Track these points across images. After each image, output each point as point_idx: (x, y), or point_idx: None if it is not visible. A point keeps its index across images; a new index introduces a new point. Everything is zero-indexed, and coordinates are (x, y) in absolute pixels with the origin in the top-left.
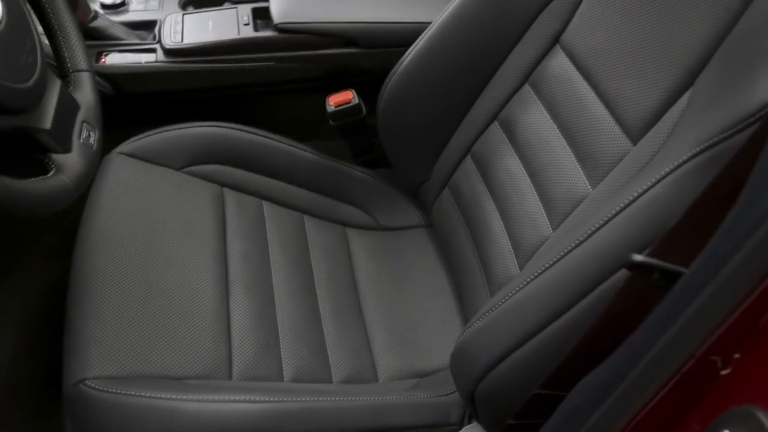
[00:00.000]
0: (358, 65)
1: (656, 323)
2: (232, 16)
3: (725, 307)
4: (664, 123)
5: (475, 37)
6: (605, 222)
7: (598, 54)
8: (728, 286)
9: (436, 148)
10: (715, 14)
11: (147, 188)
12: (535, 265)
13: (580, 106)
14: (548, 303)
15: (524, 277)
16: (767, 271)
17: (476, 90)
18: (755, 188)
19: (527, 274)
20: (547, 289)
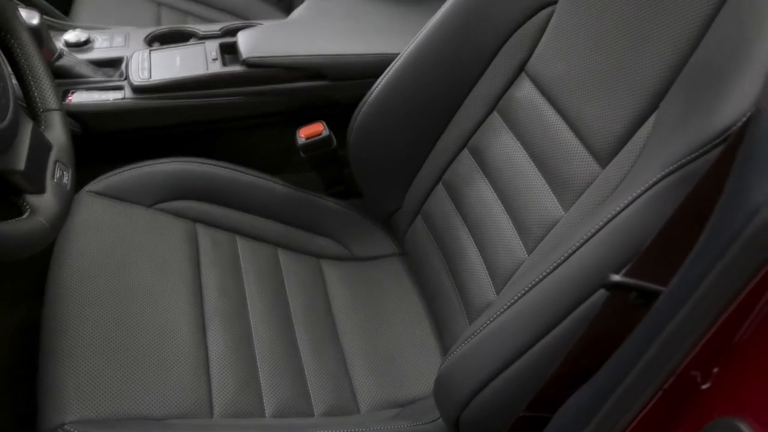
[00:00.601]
0: (328, 97)
1: (637, 342)
2: (199, 52)
3: (703, 324)
4: (631, 146)
5: (442, 67)
6: (581, 244)
7: (564, 81)
8: (705, 304)
9: (408, 176)
10: (675, 41)
11: (118, 227)
12: (513, 289)
13: (549, 132)
14: (529, 326)
15: (504, 301)
16: (741, 288)
17: (445, 118)
18: (725, 209)
19: (507, 299)
20: (527, 312)
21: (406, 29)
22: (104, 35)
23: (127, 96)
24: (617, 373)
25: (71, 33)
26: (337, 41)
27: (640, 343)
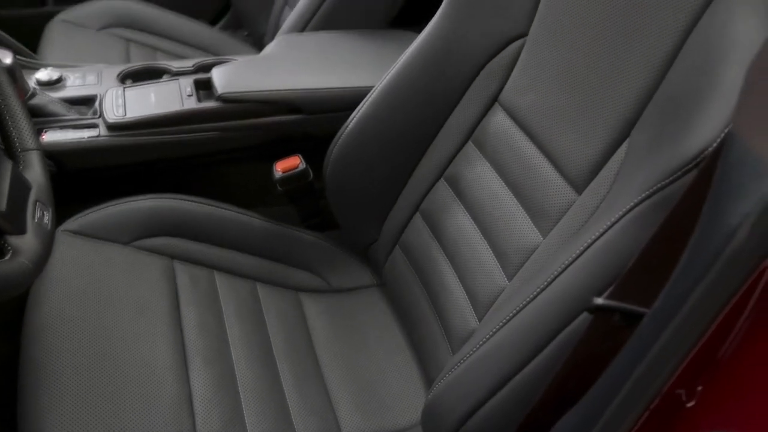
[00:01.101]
0: (303, 131)
1: (623, 364)
2: (174, 89)
3: (687, 343)
4: (605, 172)
5: (417, 99)
6: (562, 269)
7: (537, 111)
8: (688, 324)
9: (385, 207)
10: (644, 72)
11: (95, 266)
12: (496, 316)
13: (524, 160)
14: (514, 352)
15: (488, 329)
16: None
17: (421, 149)
18: (704, 231)
19: (491, 327)
20: (511, 339)
21: (379, 63)
22: (76, 73)
23: (101, 134)
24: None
25: (43, 72)
26: (312, 75)
27: (626, 365)
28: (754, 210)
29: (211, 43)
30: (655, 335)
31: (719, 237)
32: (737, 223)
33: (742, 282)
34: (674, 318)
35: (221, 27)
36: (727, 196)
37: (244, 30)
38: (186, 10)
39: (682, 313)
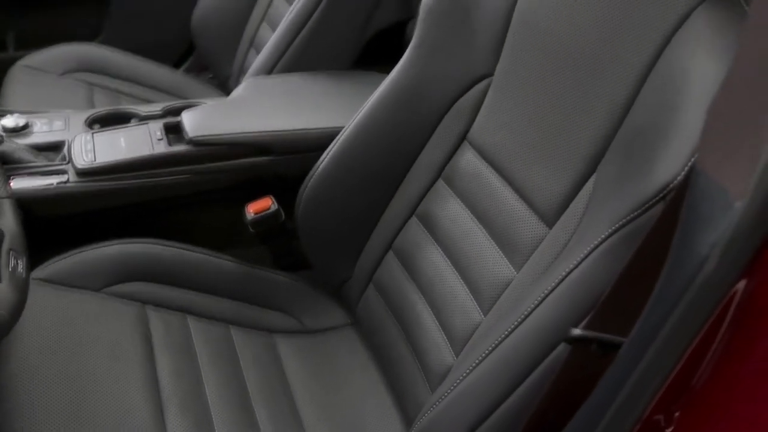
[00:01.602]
0: (274, 172)
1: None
2: (144, 133)
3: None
4: (575, 207)
5: (387, 138)
6: (538, 303)
7: (505, 148)
8: (665, 351)
9: (357, 246)
10: (607, 109)
11: (66, 314)
12: (474, 351)
13: (494, 197)
14: (495, 385)
15: (467, 365)
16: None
17: (392, 187)
18: (675, 261)
19: (469, 362)
20: (492, 372)
21: (347, 103)
22: (43, 119)
23: (71, 180)
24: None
25: (9, 118)
26: (281, 117)
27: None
28: (722, 240)
29: (175, 86)
30: (634, 363)
31: (690, 266)
32: (706, 253)
33: (714, 309)
34: (651, 346)
35: (185, 70)
36: (695, 228)
37: (209, 72)
38: (149, 53)
39: (658, 341)
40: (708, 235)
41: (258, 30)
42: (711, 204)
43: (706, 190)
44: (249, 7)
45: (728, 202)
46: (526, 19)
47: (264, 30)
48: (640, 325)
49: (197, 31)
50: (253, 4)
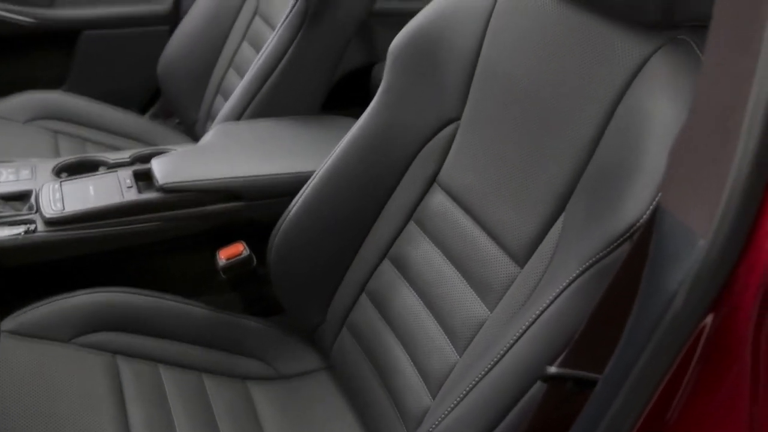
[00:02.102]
0: (246, 217)
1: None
2: (113, 181)
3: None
4: (545, 246)
5: (358, 182)
6: (513, 342)
7: (474, 190)
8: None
9: (330, 289)
10: (572, 151)
11: (35, 366)
12: (452, 393)
13: (465, 237)
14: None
15: (445, 406)
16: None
17: (364, 231)
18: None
19: (448, 403)
20: (470, 413)
21: (317, 148)
22: (9, 168)
23: (39, 229)
24: None
25: None
26: (251, 162)
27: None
28: (688, 277)
29: (141, 132)
30: (609, 401)
31: (659, 303)
32: (674, 289)
33: (684, 344)
34: (625, 383)
35: (151, 116)
36: (663, 265)
37: (175, 118)
38: (115, 99)
39: (632, 378)
40: (675, 272)
41: (225, 76)
42: (677, 242)
43: (672, 229)
44: (215, 53)
45: (693, 240)
46: (490, 65)
47: (231, 76)
48: (613, 362)
49: (164, 77)
50: (220, 51)
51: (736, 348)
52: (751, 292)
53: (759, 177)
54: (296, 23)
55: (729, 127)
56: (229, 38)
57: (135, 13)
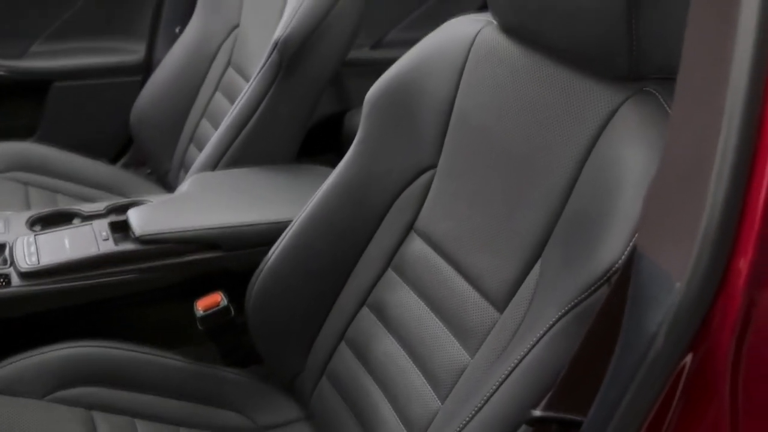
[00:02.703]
0: (223, 267)
1: None
2: (88, 233)
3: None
4: (523, 291)
5: (336, 230)
6: (497, 387)
7: (452, 236)
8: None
9: (309, 338)
10: (548, 197)
11: (10, 424)
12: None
13: (445, 283)
14: None
15: None
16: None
17: (342, 279)
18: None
19: None
20: None
21: (294, 197)
22: None
23: (14, 283)
24: None
25: None
26: (229, 212)
27: None
28: (667, 318)
29: (113, 182)
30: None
31: (641, 344)
32: (654, 331)
33: (665, 383)
34: (610, 423)
35: (122, 165)
36: (642, 307)
37: (147, 168)
38: (85, 149)
39: (616, 418)
40: (655, 314)
41: (198, 126)
42: (654, 285)
43: (649, 272)
44: (189, 103)
45: (670, 283)
46: (465, 114)
47: (204, 125)
48: (597, 403)
49: (136, 127)
50: (193, 101)
51: (715, 385)
52: (727, 331)
53: (729, 222)
54: (271, 74)
55: (699, 176)
56: (202, 88)
57: (107, 64)
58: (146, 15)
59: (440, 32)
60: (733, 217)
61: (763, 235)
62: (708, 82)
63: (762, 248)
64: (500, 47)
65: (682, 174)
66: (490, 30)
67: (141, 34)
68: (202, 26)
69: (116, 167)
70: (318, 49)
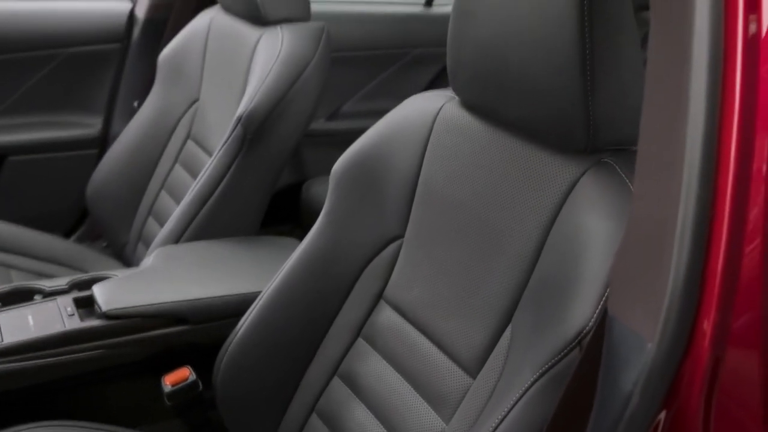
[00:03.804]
0: (191, 341)
1: None
2: (53, 309)
3: None
4: (495, 356)
5: (304, 301)
6: None
7: (422, 304)
8: None
9: (279, 410)
10: (515, 264)
11: None
12: None
13: (416, 351)
14: None
15: None
16: None
17: (313, 349)
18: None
19: None
20: None
21: (261, 269)
22: None
23: None
24: None
25: None
26: (195, 285)
27: None
28: (641, 377)
29: (68, 256)
30: None
31: (617, 403)
32: (630, 390)
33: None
34: None
35: (77, 239)
36: (617, 368)
37: (102, 241)
38: (38, 223)
39: None
40: (629, 374)
41: (157, 199)
42: (627, 346)
43: (621, 334)
44: (147, 175)
45: (642, 343)
46: (430, 185)
47: (163, 198)
48: None
49: (93, 200)
50: (152, 173)
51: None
52: (696, 388)
53: (693, 284)
54: (234, 148)
55: (662, 243)
56: (161, 161)
57: (63, 138)
58: (103, 89)
59: (403, 107)
60: (696, 281)
61: (723, 297)
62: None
63: (723, 309)
64: (462, 122)
65: (647, 241)
66: (452, 105)
67: (98, 108)
68: (162, 100)
69: (70, 241)
70: (281, 123)
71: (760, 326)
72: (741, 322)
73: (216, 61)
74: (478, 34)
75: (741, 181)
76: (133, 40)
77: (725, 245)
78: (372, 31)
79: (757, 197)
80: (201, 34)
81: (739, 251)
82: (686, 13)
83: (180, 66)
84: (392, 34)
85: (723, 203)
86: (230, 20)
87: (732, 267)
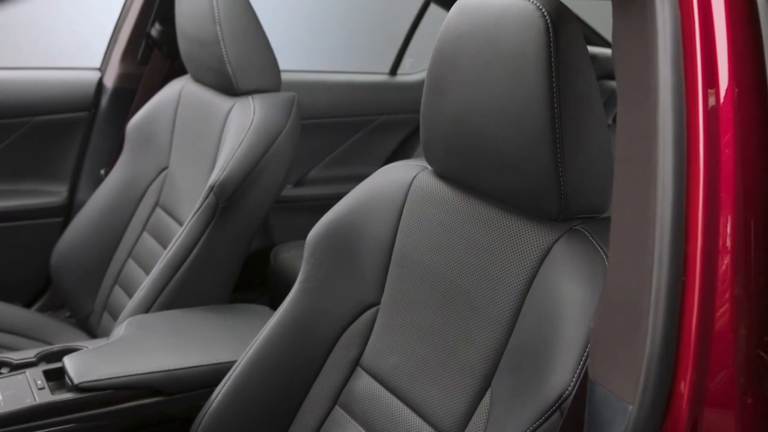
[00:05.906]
0: (166, 412)
1: None
2: (21, 382)
3: None
4: (476, 421)
5: (280, 370)
6: None
7: (399, 370)
8: None
9: None
10: (491, 331)
11: None
12: None
13: (394, 418)
14: None
15: None
16: None
17: (288, 418)
18: None
19: None
20: None
21: (235, 337)
22: None
23: None
24: None
25: None
26: (169, 355)
27: None
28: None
29: (31, 327)
30: None
31: None
32: None
33: None
34: None
35: (38, 308)
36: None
37: (65, 310)
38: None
39: None
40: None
41: (123, 267)
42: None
43: (602, 398)
44: (114, 243)
45: (623, 406)
46: (405, 253)
47: (130, 266)
48: None
49: (57, 269)
50: (119, 241)
51: None
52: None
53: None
54: (206, 217)
55: (638, 310)
56: (128, 229)
57: (27, 206)
58: (70, 157)
59: (377, 176)
60: (672, 345)
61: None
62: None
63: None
64: (436, 190)
65: (623, 307)
66: (425, 175)
67: (63, 176)
68: (130, 168)
69: (32, 311)
70: (253, 191)
71: (734, 385)
72: (716, 382)
73: (186, 130)
74: (450, 110)
75: (708, 251)
76: (100, 109)
77: (697, 310)
78: (339, 98)
79: (723, 264)
80: (171, 102)
81: (710, 315)
82: (651, 90)
83: (149, 134)
84: (358, 102)
85: (693, 272)
86: (201, 90)
87: (705, 331)
